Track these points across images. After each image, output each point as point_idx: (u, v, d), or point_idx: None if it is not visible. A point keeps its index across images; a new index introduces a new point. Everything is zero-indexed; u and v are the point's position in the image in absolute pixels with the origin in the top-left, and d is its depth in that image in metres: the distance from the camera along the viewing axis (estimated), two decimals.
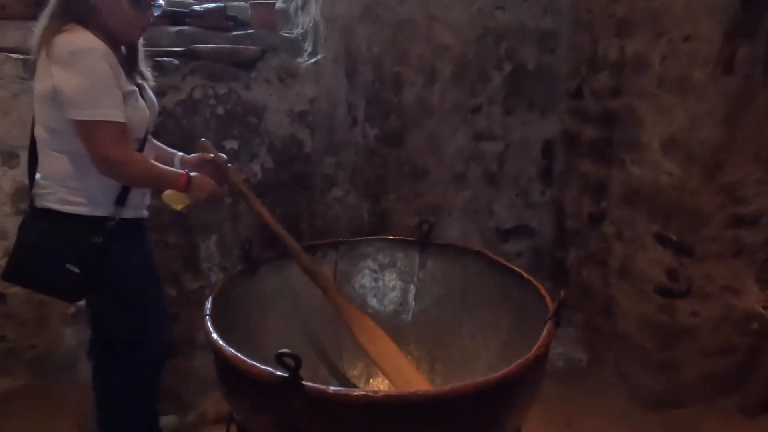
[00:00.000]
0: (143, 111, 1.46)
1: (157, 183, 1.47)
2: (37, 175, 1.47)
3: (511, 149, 2.56)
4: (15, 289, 2.18)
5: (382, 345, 1.50)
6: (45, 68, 1.32)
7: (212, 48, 2.23)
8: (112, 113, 1.31)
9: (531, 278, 1.48)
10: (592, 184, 2.41)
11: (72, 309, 2.25)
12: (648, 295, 2.13)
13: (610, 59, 2.23)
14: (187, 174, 1.48)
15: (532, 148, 2.59)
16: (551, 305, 1.27)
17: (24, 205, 2.11)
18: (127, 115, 1.36)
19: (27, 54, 2.04)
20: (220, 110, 2.22)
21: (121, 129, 1.34)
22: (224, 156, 1.68)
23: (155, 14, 1.47)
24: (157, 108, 1.60)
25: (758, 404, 2.09)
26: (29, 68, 2.02)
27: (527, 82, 2.50)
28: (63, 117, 1.33)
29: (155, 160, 1.54)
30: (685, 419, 2.11)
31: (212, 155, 1.62)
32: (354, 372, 1.62)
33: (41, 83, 1.35)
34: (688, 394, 2.15)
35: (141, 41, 1.53)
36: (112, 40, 1.37)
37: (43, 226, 1.42)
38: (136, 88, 1.44)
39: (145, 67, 1.54)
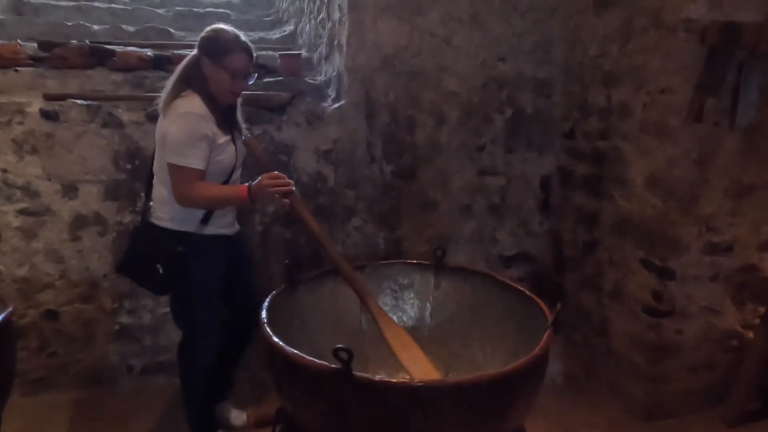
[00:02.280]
0: (231, 156, 1.83)
1: (219, 203, 1.80)
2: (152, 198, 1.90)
3: (513, 184, 2.82)
4: (66, 308, 2.41)
5: (412, 351, 1.70)
6: (162, 121, 1.74)
7: (248, 94, 2.53)
8: (192, 162, 1.70)
9: (533, 295, 1.72)
10: (586, 215, 2.67)
11: (116, 327, 2.48)
12: (637, 315, 2.37)
13: (599, 106, 2.53)
14: (248, 186, 1.73)
15: (532, 182, 2.85)
16: (549, 316, 1.52)
17: (80, 232, 2.38)
18: (218, 158, 1.77)
19: (88, 100, 2.36)
20: None
21: (196, 174, 1.71)
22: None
23: (249, 83, 1.84)
24: (244, 150, 1.96)
25: (739, 415, 2.30)
26: (92, 113, 2.32)
27: (526, 124, 2.78)
28: (165, 158, 1.72)
29: None
30: (674, 429, 2.31)
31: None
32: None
33: (159, 131, 1.76)
34: (676, 405, 2.35)
35: (239, 102, 1.93)
36: (213, 102, 1.76)
37: (145, 234, 1.85)
38: (228, 138, 1.80)
39: (241, 121, 1.95)
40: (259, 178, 1.75)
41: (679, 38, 2.06)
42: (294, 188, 1.76)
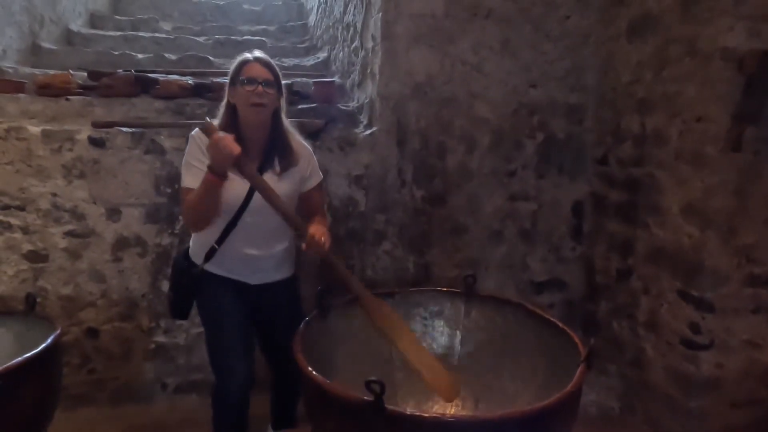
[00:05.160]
0: (229, 193, 1.70)
1: (202, 197, 1.65)
2: None
3: (544, 209, 2.80)
4: (106, 326, 2.50)
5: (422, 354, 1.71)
6: None
7: None
8: (187, 180, 1.75)
9: (565, 327, 1.70)
10: (619, 243, 2.62)
11: (152, 345, 2.56)
12: (674, 347, 2.30)
13: (633, 132, 2.50)
14: (209, 167, 1.62)
15: (563, 208, 2.83)
16: (583, 350, 1.50)
17: (121, 254, 2.47)
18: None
19: (133, 127, 2.47)
20: None
21: (188, 192, 1.73)
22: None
23: (269, 91, 1.70)
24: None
25: None
26: (136, 140, 2.43)
27: (557, 149, 2.77)
28: None
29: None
30: None
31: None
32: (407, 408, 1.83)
33: None
34: None
35: (293, 147, 1.83)
36: (241, 127, 1.73)
37: (180, 254, 1.98)
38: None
39: (278, 163, 1.80)
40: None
41: (716, 66, 2.04)
42: (237, 150, 1.57)
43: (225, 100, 1.79)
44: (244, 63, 1.74)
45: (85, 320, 2.47)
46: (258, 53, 1.79)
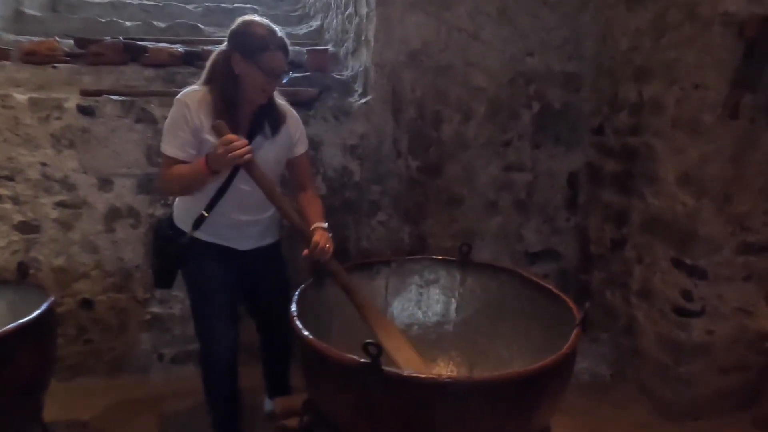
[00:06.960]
0: None
1: (188, 180, 1.64)
2: None
3: (539, 180, 2.80)
4: (101, 297, 2.50)
5: (397, 340, 1.71)
6: None
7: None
8: (168, 149, 1.69)
9: (560, 293, 1.71)
10: (614, 213, 2.63)
11: (148, 316, 2.55)
12: (666, 314, 2.33)
13: (630, 101, 2.48)
14: (206, 155, 1.58)
15: (558, 178, 2.82)
16: (578, 314, 1.51)
17: (114, 224, 2.45)
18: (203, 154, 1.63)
19: (122, 95, 2.42)
20: None
21: (171, 161, 1.68)
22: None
23: (283, 81, 1.70)
24: (270, 163, 1.76)
25: None
26: (126, 108, 2.38)
27: (554, 119, 2.75)
28: None
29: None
30: (703, 431, 2.27)
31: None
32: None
33: None
34: (706, 407, 2.31)
35: (279, 109, 1.81)
36: (230, 101, 1.66)
37: (162, 223, 1.94)
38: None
39: (268, 127, 1.77)
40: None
41: (716, 32, 2.01)
42: (251, 153, 1.57)
43: (225, 58, 1.67)
44: (267, 48, 1.61)
45: (80, 291, 2.46)
46: (280, 35, 1.66)
